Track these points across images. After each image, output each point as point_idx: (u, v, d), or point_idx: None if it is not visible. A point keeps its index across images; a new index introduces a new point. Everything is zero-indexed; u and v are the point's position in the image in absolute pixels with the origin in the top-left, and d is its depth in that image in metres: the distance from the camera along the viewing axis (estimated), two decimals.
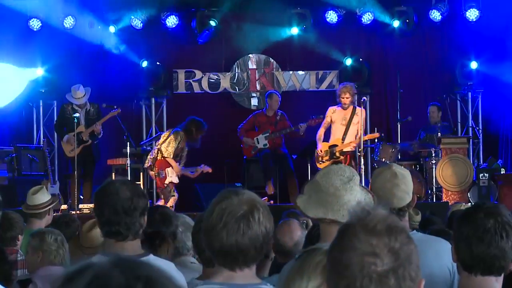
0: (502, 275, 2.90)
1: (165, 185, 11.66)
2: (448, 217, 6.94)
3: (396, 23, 14.03)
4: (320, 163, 11.98)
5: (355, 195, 3.31)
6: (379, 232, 1.85)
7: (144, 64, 14.17)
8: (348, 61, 14.21)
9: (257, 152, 12.99)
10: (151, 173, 11.84)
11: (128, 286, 1.42)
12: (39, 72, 14.01)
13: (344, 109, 11.99)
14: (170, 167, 11.67)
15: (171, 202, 11.55)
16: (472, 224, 2.86)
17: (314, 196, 3.36)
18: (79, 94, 12.33)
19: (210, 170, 12.18)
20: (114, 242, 3.45)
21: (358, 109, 12.02)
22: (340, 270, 1.85)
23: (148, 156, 11.89)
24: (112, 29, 14.10)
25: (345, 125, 11.94)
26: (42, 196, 6.70)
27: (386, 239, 1.84)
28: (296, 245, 4.76)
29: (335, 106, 12.11)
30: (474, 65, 13.88)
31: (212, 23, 14.21)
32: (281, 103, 13.09)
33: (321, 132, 12.12)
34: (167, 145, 11.65)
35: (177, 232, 4.50)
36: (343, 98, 11.90)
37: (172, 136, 11.71)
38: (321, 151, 12.03)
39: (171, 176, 11.69)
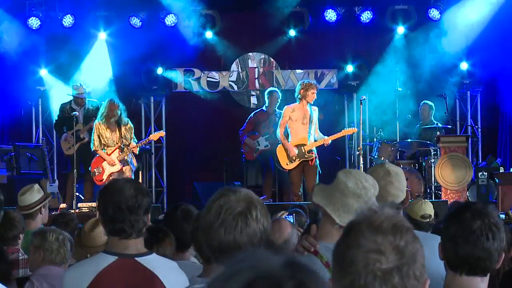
0: (488, 275, 2.90)
1: (102, 180, 11.53)
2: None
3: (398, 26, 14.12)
4: (289, 164, 11.52)
5: (361, 202, 3.33)
6: (384, 230, 1.86)
7: (160, 71, 14.21)
8: (349, 68, 14.24)
9: (258, 153, 12.98)
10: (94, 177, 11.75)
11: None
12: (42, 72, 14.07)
13: (306, 106, 11.47)
14: (104, 161, 11.63)
15: None
16: (459, 224, 2.86)
17: (328, 186, 3.43)
18: (81, 90, 12.44)
19: (161, 133, 12.20)
20: (118, 240, 3.45)
21: (313, 107, 11.62)
22: (345, 266, 1.86)
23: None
24: (110, 30, 14.15)
25: (307, 123, 11.50)
26: (30, 196, 6.58)
27: (391, 237, 1.86)
28: (286, 242, 4.78)
29: (292, 105, 11.58)
30: (473, 64, 13.93)
31: (211, 21, 14.26)
32: (280, 102, 13.09)
33: (282, 132, 11.55)
34: (93, 139, 11.60)
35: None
36: (313, 93, 11.41)
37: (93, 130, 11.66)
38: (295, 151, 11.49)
39: (109, 167, 11.63)
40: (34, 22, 13.86)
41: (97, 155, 11.65)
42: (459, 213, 2.90)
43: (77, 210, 11.37)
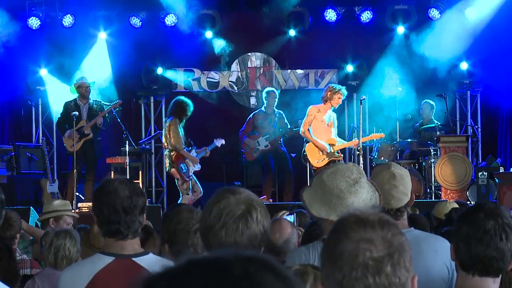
0: (500, 276, 2.90)
1: (190, 176, 11.68)
2: (446, 214, 6.98)
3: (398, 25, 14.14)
4: (319, 162, 11.81)
5: (360, 197, 3.32)
6: (372, 223, 1.89)
7: (160, 71, 14.22)
8: (349, 68, 14.26)
9: (258, 154, 12.97)
10: (173, 170, 11.80)
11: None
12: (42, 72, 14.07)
13: (330, 109, 11.81)
14: (187, 159, 11.70)
15: (186, 200, 11.49)
16: (472, 225, 2.86)
17: (319, 193, 3.38)
18: (84, 80, 12.49)
19: (223, 142, 12.29)
20: (114, 241, 3.45)
21: (333, 112, 11.99)
22: (336, 260, 1.86)
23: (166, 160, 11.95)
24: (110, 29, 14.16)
25: (332, 125, 11.91)
26: (44, 207, 6.75)
27: (379, 230, 1.88)
28: (286, 242, 4.77)
29: (318, 105, 11.91)
30: (473, 64, 13.93)
31: (211, 22, 14.26)
32: (280, 102, 13.09)
33: (307, 129, 11.88)
34: (170, 138, 11.62)
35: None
36: (339, 99, 11.76)
37: (168, 127, 11.66)
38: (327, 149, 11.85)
39: (194, 166, 11.73)
40: (34, 22, 13.86)
41: (165, 152, 11.77)
42: (471, 214, 2.90)
43: (77, 210, 11.37)
